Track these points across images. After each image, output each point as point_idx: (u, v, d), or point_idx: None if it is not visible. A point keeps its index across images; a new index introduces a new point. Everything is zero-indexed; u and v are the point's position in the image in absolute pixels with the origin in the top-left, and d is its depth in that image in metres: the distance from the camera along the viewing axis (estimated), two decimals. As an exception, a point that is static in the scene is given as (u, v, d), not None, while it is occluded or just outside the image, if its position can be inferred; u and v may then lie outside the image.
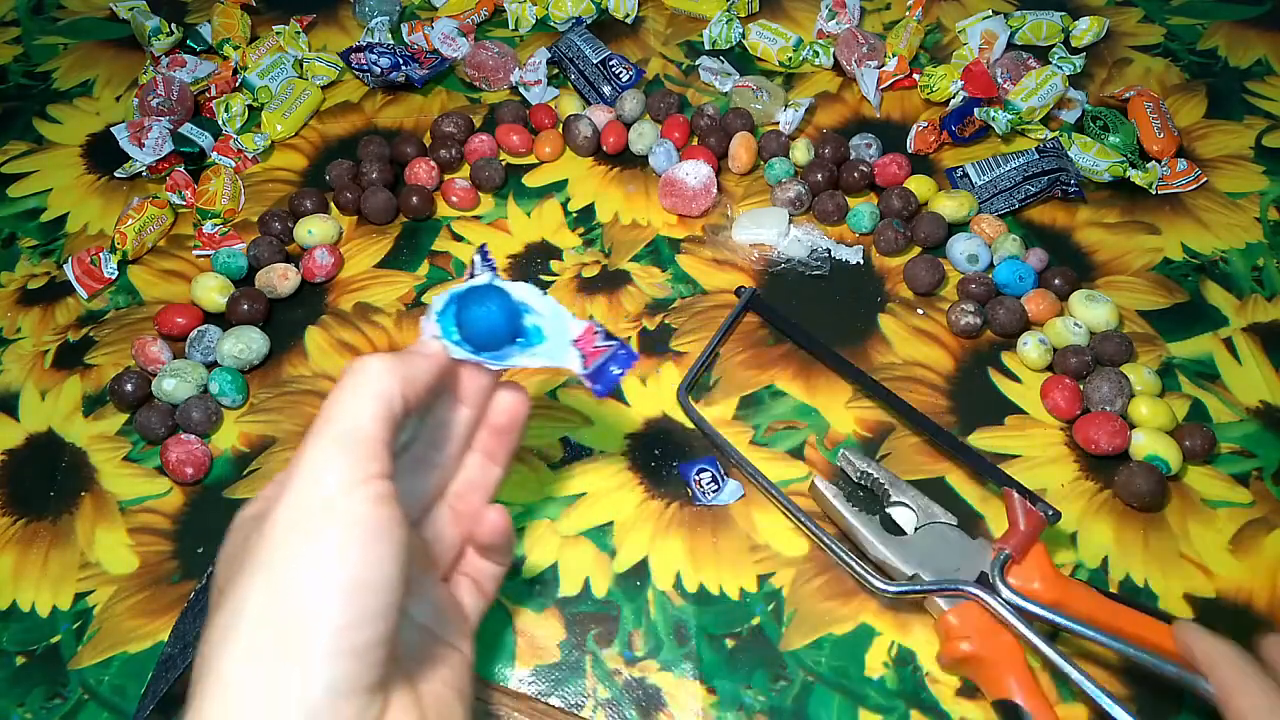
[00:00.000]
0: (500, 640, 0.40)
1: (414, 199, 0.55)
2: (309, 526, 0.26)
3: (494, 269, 0.35)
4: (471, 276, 0.34)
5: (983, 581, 0.39)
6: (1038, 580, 0.38)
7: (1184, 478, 0.45)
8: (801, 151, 0.57)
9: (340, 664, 0.25)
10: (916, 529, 0.41)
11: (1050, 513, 0.40)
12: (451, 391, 0.34)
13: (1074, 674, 0.36)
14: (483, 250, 0.35)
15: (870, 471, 0.43)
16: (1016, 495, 0.40)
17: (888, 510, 0.43)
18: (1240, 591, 0.41)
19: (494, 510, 0.34)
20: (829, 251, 0.53)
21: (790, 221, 0.55)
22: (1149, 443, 0.44)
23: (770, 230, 0.54)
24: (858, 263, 0.53)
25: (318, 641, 0.25)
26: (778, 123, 0.60)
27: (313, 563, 0.25)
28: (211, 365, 0.49)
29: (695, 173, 0.55)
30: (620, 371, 0.35)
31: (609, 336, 0.35)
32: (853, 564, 0.40)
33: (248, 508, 0.30)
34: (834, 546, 0.41)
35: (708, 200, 0.55)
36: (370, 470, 0.27)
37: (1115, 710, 0.35)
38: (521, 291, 0.34)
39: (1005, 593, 0.38)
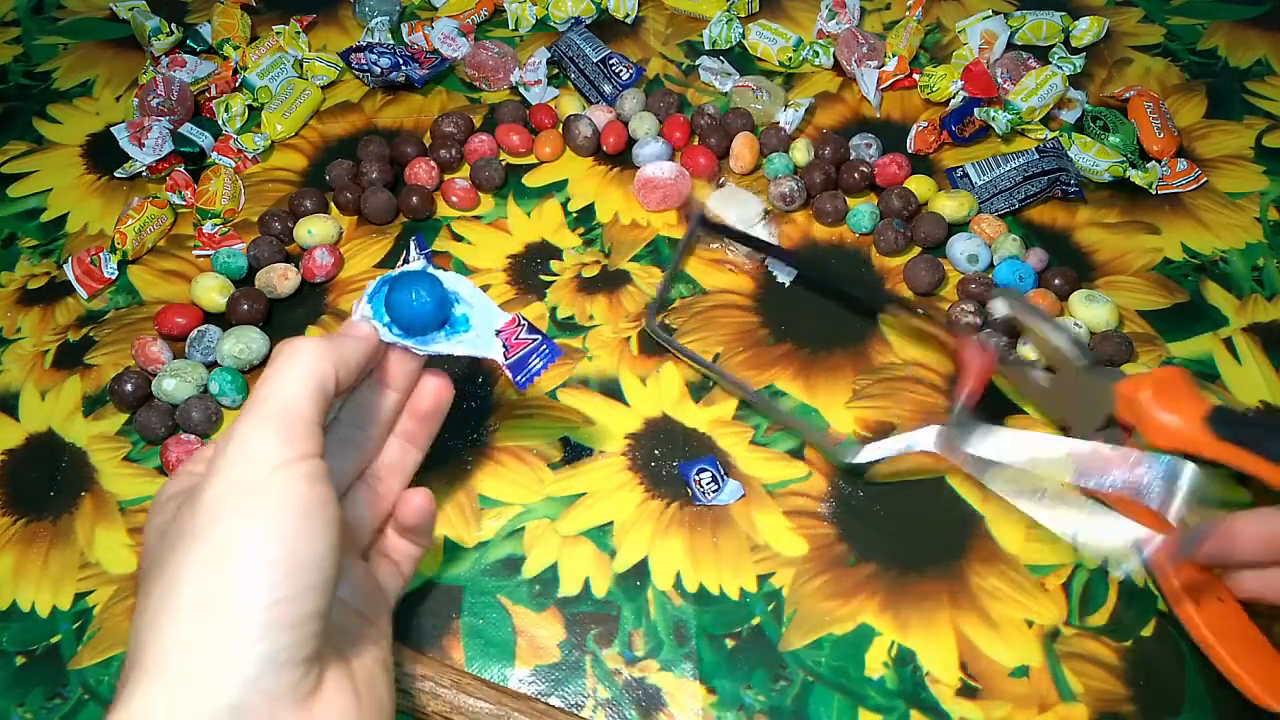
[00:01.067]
0: (500, 640, 0.40)
1: (414, 199, 0.55)
2: (242, 504, 0.26)
3: (428, 257, 0.36)
4: (406, 263, 0.36)
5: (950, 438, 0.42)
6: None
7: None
8: (801, 152, 0.57)
9: (277, 637, 0.25)
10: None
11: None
12: (378, 374, 0.35)
13: (1026, 507, 0.39)
14: (418, 238, 0.37)
15: (1030, 310, 0.45)
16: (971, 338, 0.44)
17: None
18: (1240, 591, 0.41)
19: (418, 493, 0.35)
20: (764, 260, 0.53)
21: (763, 219, 0.54)
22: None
23: (733, 213, 0.54)
24: (782, 283, 0.52)
25: (254, 616, 0.25)
26: (778, 122, 0.60)
27: (247, 540, 0.26)
28: (211, 365, 0.49)
29: (661, 166, 0.55)
30: (542, 365, 0.36)
31: (533, 330, 0.36)
32: (811, 436, 0.44)
33: (172, 483, 0.31)
34: (781, 416, 0.44)
35: (687, 186, 0.55)
36: (303, 449, 0.28)
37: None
38: (452, 281, 0.36)
39: (965, 447, 0.41)
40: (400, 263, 0.35)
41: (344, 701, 0.28)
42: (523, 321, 0.36)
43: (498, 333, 0.36)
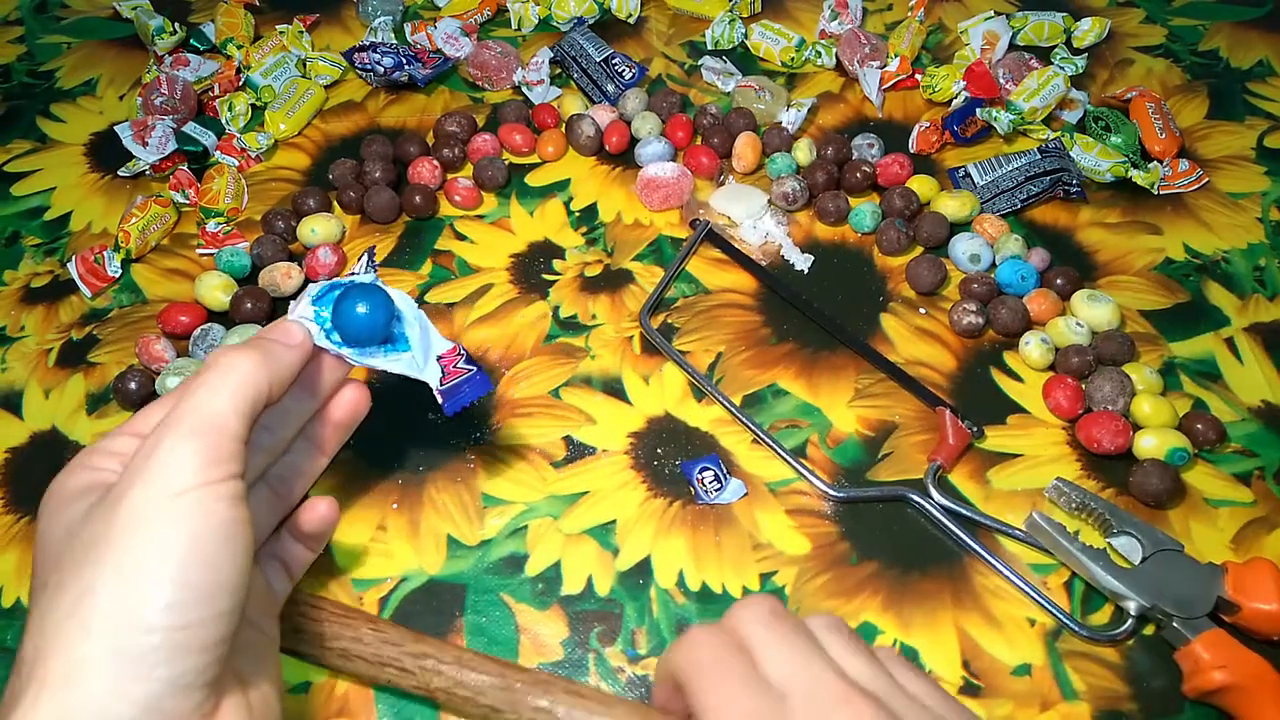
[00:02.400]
0: (503, 638, 0.40)
1: (417, 198, 0.55)
2: (162, 520, 0.26)
3: (375, 270, 0.36)
4: (354, 274, 0.35)
5: (927, 487, 0.43)
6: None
7: (1186, 477, 0.45)
8: (804, 152, 0.57)
9: (184, 660, 0.25)
10: (1144, 558, 0.40)
11: (975, 429, 0.46)
12: (304, 379, 0.34)
13: (1005, 571, 0.39)
14: (370, 252, 0.37)
15: (1088, 503, 0.42)
16: (948, 413, 0.45)
17: (1110, 541, 0.42)
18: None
19: (324, 501, 0.35)
20: (780, 246, 0.53)
21: (769, 210, 0.55)
22: (1164, 441, 0.44)
23: (739, 208, 0.54)
24: (802, 270, 0.53)
25: (164, 637, 0.25)
26: (780, 122, 0.60)
27: (165, 559, 0.25)
28: (215, 363, 0.49)
29: (663, 166, 0.55)
30: (471, 394, 0.36)
31: (470, 361, 0.37)
32: (800, 469, 0.44)
33: (76, 476, 0.29)
34: (782, 453, 0.44)
35: (689, 185, 0.56)
36: (228, 469, 0.27)
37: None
38: (399, 300, 0.36)
39: (936, 496, 0.43)
40: (347, 271, 0.35)
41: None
42: (462, 351, 0.37)
43: (438, 358, 0.37)
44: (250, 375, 0.29)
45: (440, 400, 0.36)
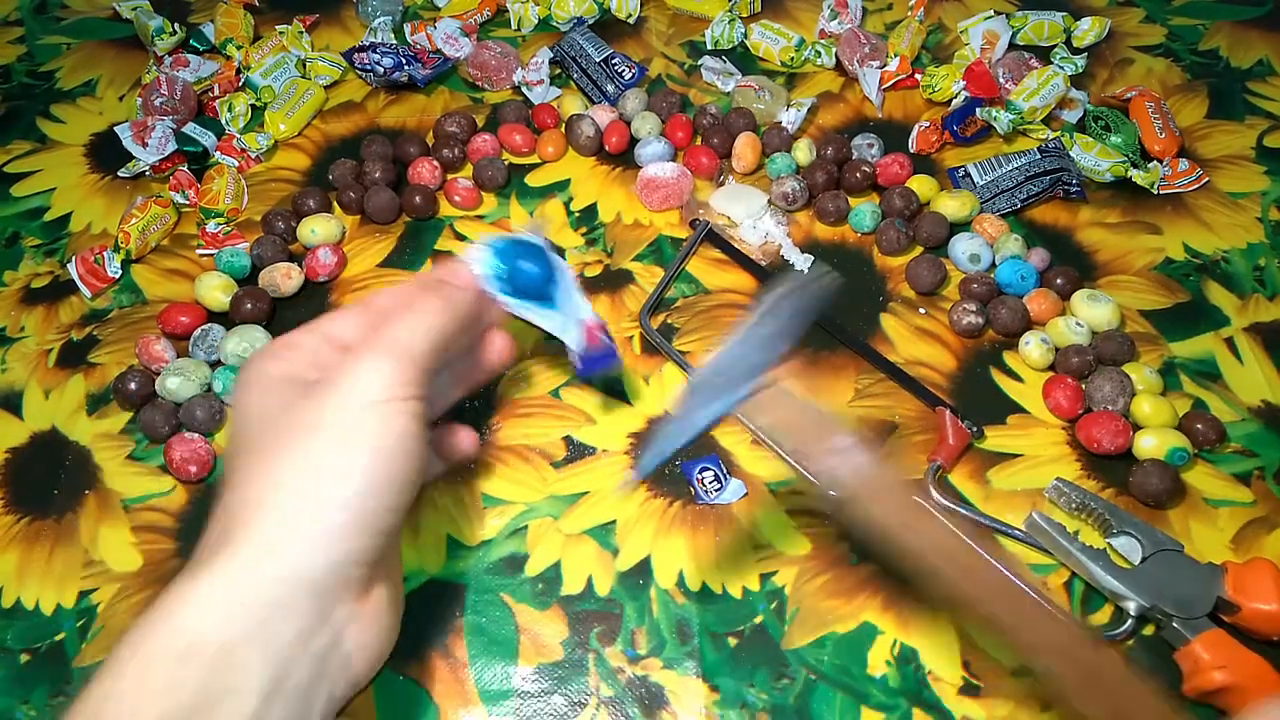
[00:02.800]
0: (503, 638, 0.40)
1: (417, 198, 0.55)
2: (357, 422, 0.31)
3: (543, 234, 0.41)
4: (523, 233, 0.40)
5: (927, 487, 0.43)
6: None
7: (1186, 477, 0.45)
8: (803, 152, 0.57)
9: (360, 539, 0.30)
10: (1144, 559, 0.40)
11: (975, 429, 0.45)
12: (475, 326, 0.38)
13: (1004, 571, 0.37)
14: (539, 223, 0.41)
15: (1088, 503, 0.42)
16: (948, 413, 0.45)
17: (1110, 541, 0.42)
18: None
19: (468, 433, 0.40)
20: (780, 246, 0.53)
21: (769, 210, 0.55)
22: (1164, 440, 0.44)
23: (739, 208, 0.54)
24: (802, 270, 0.53)
25: (349, 517, 0.30)
26: (780, 122, 0.60)
27: (356, 453, 0.30)
28: (215, 364, 0.49)
29: (663, 166, 0.55)
30: (605, 367, 0.41)
31: (610, 339, 0.41)
32: (800, 469, 0.43)
33: (273, 363, 0.34)
34: (782, 453, 0.44)
35: (689, 185, 0.56)
36: (414, 391, 0.32)
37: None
38: (559, 266, 0.40)
39: (936, 496, 0.43)
40: (516, 230, 0.42)
41: (381, 607, 0.32)
42: (606, 327, 0.41)
43: (581, 322, 0.40)
44: (439, 315, 0.34)
45: (578, 363, 0.40)
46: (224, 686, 0.28)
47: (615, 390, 0.48)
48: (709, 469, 0.44)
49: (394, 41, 0.66)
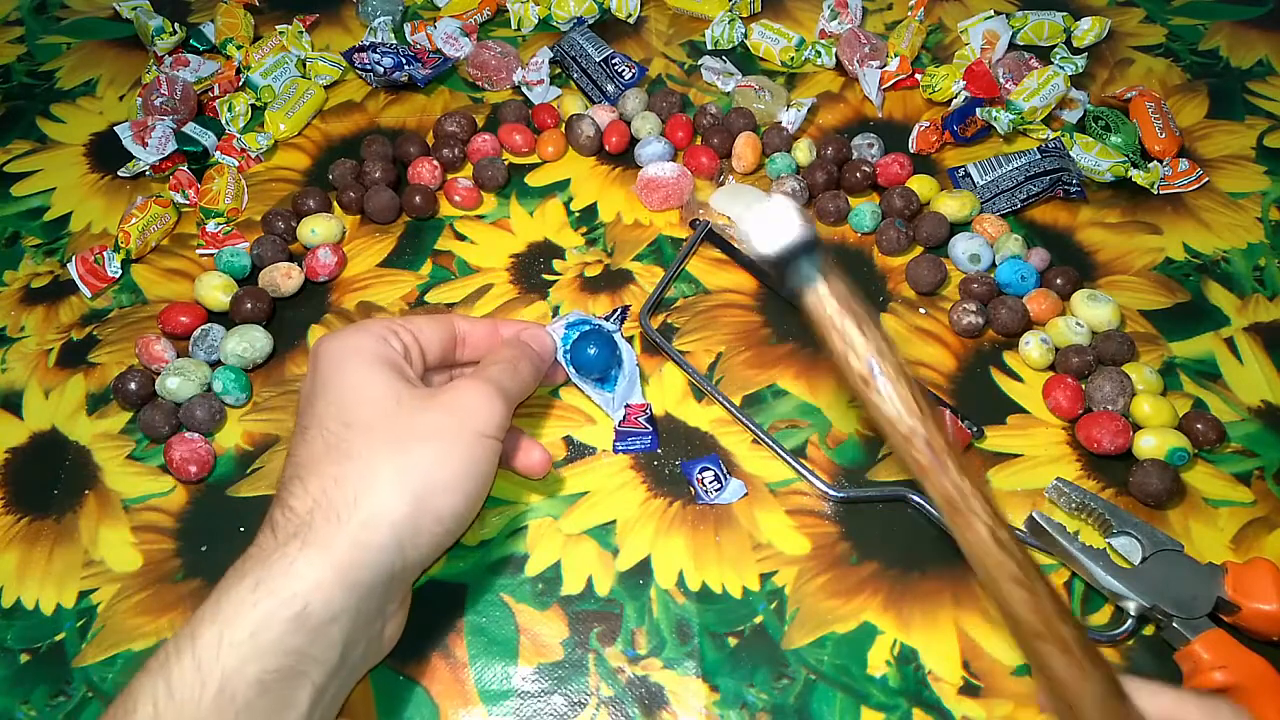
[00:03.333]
0: (503, 638, 0.40)
1: (417, 198, 0.55)
2: (470, 451, 0.36)
3: (621, 326, 0.49)
4: (603, 319, 0.48)
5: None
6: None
7: (1186, 477, 0.45)
8: (803, 152, 0.57)
9: (437, 551, 0.36)
10: (1144, 559, 0.40)
11: (975, 429, 0.46)
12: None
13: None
14: (624, 310, 0.49)
15: (1088, 503, 0.42)
16: (948, 413, 0.46)
17: (1110, 541, 0.42)
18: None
19: (542, 451, 0.43)
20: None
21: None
22: (1164, 441, 0.44)
23: (739, 208, 0.54)
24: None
25: (443, 528, 0.35)
26: (780, 122, 0.60)
27: (463, 480, 0.35)
28: (215, 364, 0.49)
29: (663, 166, 0.55)
30: (639, 448, 0.45)
31: (650, 422, 0.46)
32: (800, 469, 0.44)
33: (377, 344, 0.37)
34: (782, 453, 0.45)
35: (689, 185, 0.56)
36: (503, 432, 0.38)
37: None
38: (626, 355, 0.47)
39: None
40: (602, 316, 0.49)
41: (408, 601, 0.38)
42: (649, 409, 0.46)
43: (626, 405, 0.46)
44: (531, 379, 0.42)
45: (615, 439, 0.46)
46: (313, 657, 0.31)
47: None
48: (709, 469, 0.44)
49: (394, 41, 0.66)
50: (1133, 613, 0.39)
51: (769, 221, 0.26)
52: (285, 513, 0.33)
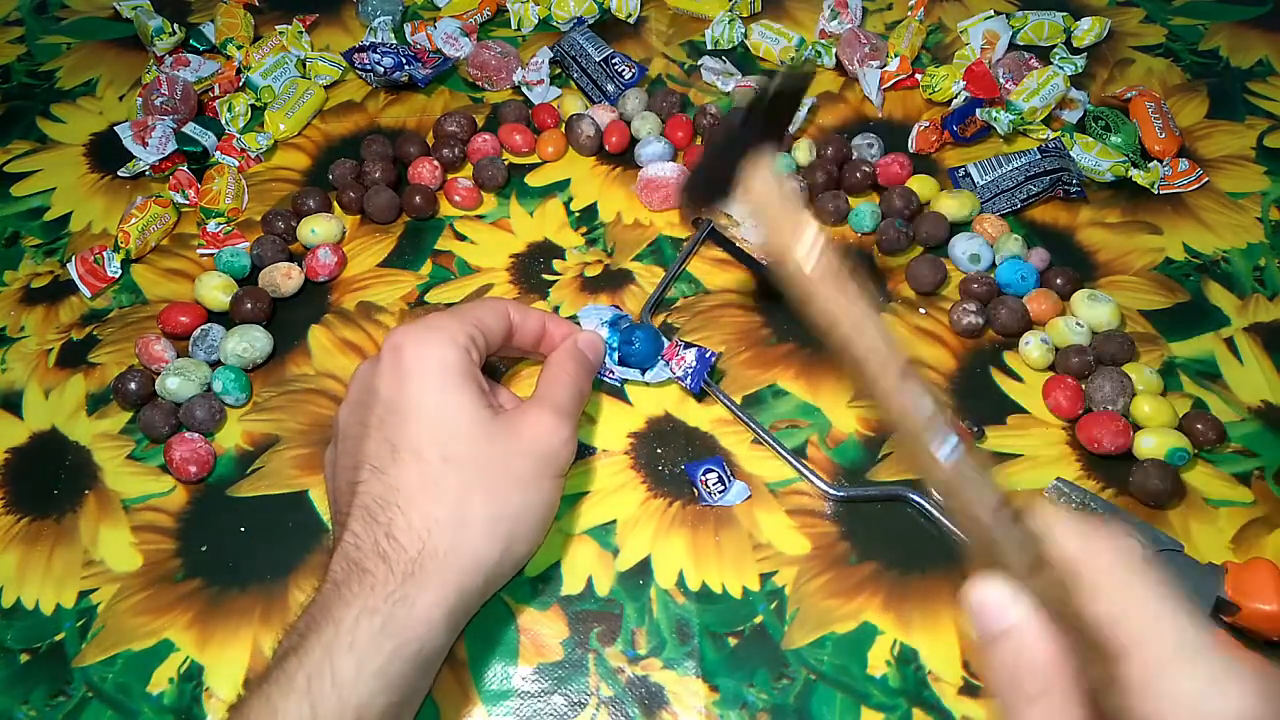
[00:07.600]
0: (503, 638, 0.40)
1: (417, 198, 0.55)
2: (546, 494, 0.39)
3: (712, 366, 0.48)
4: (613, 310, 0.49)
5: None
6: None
7: (1186, 477, 0.45)
8: (803, 151, 0.57)
9: (505, 581, 0.39)
10: None
11: (975, 429, 0.46)
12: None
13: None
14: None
15: (1088, 503, 0.42)
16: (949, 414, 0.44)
17: None
18: (1242, 590, 0.41)
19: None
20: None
21: None
22: (1163, 441, 0.44)
23: (740, 208, 0.54)
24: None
25: (511, 563, 0.38)
26: (780, 122, 0.60)
27: (536, 518, 0.38)
28: (215, 364, 0.49)
29: (663, 166, 0.55)
30: (704, 368, 0.46)
31: (687, 346, 0.46)
32: (801, 469, 0.44)
33: (457, 354, 0.38)
34: (782, 451, 0.45)
35: None
36: (565, 472, 0.40)
37: None
38: (661, 340, 0.47)
39: (937, 496, 0.41)
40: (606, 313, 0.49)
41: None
42: (679, 342, 0.47)
43: (662, 358, 0.47)
44: (589, 390, 0.44)
45: (683, 384, 0.46)
46: (421, 689, 0.35)
47: (615, 390, 0.48)
48: (713, 470, 0.44)
49: (394, 41, 0.66)
50: None
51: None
52: (393, 545, 0.34)
